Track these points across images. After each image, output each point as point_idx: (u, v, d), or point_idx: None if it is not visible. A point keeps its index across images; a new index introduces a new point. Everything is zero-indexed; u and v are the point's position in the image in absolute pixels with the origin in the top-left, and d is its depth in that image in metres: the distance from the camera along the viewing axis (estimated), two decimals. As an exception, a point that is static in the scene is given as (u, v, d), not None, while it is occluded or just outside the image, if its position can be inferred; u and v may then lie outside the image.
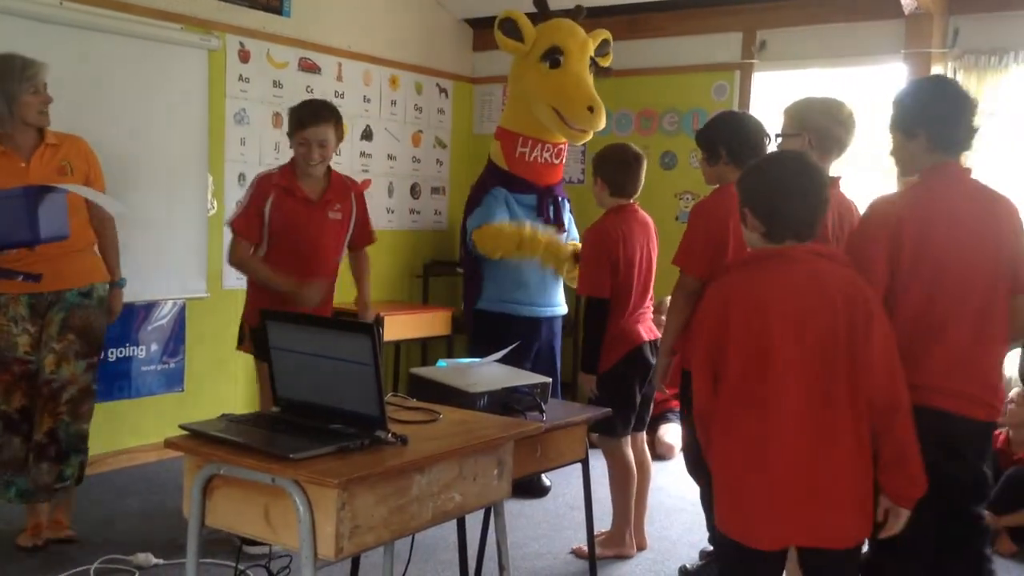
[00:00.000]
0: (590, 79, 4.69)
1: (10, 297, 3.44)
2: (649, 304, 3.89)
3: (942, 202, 2.50)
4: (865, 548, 2.46)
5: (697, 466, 3.65)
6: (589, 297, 3.77)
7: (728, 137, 3.39)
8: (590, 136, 4.74)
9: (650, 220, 3.90)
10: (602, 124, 4.65)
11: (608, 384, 3.76)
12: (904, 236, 2.44)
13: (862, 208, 2.91)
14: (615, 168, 3.81)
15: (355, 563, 3.07)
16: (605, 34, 4.89)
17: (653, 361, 3.78)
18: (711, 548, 3.84)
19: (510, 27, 4.68)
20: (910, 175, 2.70)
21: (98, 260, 3.68)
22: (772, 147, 3.31)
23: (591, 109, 4.56)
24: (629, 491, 3.82)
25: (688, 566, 3.78)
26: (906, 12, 4.80)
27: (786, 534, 2.19)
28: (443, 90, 6.42)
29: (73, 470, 3.58)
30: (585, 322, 3.85)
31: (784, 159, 2.36)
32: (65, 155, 3.55)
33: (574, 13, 4.86)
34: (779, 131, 3.15)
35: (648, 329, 3.84)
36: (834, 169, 3.12)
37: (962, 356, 2.47)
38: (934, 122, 2.54)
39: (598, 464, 3.82)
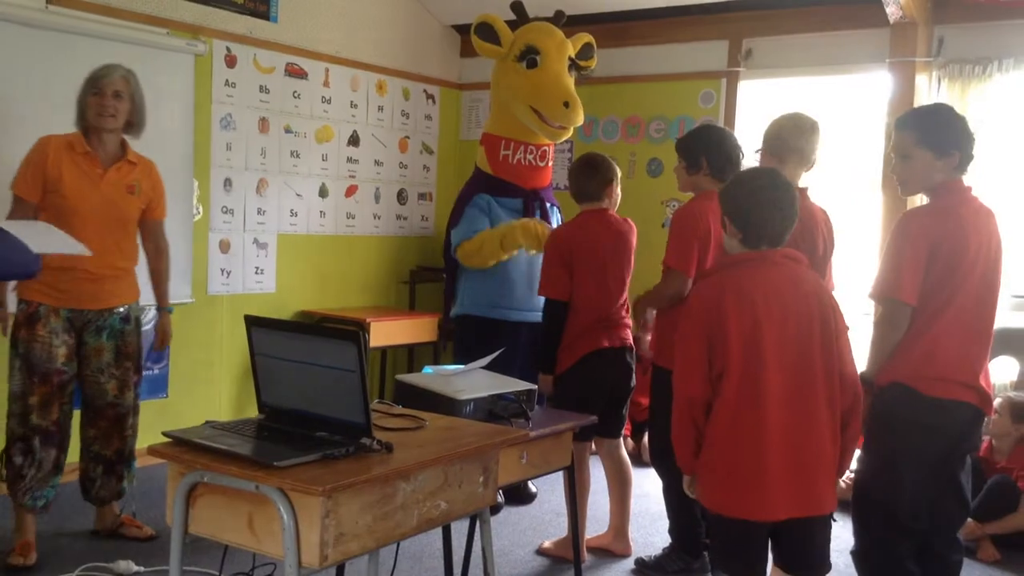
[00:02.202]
0: (569, 79, 4.70)
1: (50, 309, 3.50)
2: (622, 311, 3.88)
3: (966, 218, 2.78)
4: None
5: (663, 458, 3.73)
6: (547, 298, 3.80)
7: (710, 150, 3.59)
8: (570, 133, 4.76)
9: (629, 228, 3.89)
10: (579, 120, 4.66)
11: (563, 386, 3.77)
12: (942, 249, 2.72)
13: (833, 212, 3.40)
14: (580, 174, 3.85)
15: (340, 571, 3.06)
16: (587, 38, 4.91)
17: (614, 368, 3.80)
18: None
19: (486, 31, 4.70)
20: (915, 193, 2.99)
21: (134, 281, 3.76)
22: (751, 161, 3.47)
23: (566, 104, 4.57)
24: (582, 498, 3.78)
25: (645, 558, 3.82)
26: (891, 21, 4.83)
27: (784, 506, 2.44)
28: (430, 96, 6.42)
29: (131, 480, 3.85)
30: (543, 323, 3.87)
31: (760, 174, 2.64)
32: (137, 176, 3.69)
33: (555, 19, 4.88)
34: (758, 147, 3.38)
35: (614, 336, 3.81)
36: (804, 180, 3.35)
37: (968, 353, 2.78)
38: (968, 143, 2.82)
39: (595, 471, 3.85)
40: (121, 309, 3.68)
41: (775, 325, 2.42)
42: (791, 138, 3.27)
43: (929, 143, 2.80)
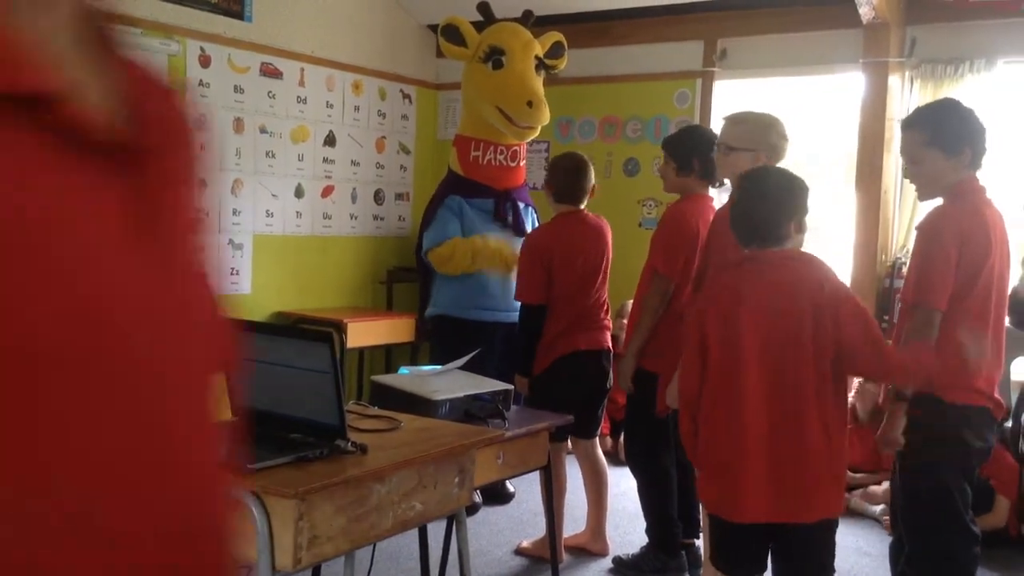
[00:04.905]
0: (536, 78, 4.71)
1: None
2: (601, 312, 3.86)
3: (989, 219, 2.72)
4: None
5: (637, 459, 3.74)
6: (523, 303, 3.79)
7: (703, 152, 3.53)
8: (537, 132, 4.77)
9: (603, 225, 3.89)
10: (545, 119, 4.68)
11: (539, 387, 3.77)
12: (967, 251, 2.64)
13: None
14: (559, 174, 3.84)
15: (315, 573, 3.04)
16: (557, 36, 4.92)
17: (589, 372, 3.80)
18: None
19: (452, 33, 4.71)
20: (933, 196, 2.85)
21: None
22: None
23: (530, 104, 4.59)
24: (559, 498, 3.75)
25: (623, 556, 3.83)
26: (864, 22, 4.86)
27: (763, 510, 2.40)
28: (407, 96, 6.41)
29: None
30: (520, 326, 3.87)
31: (763, 174, 2.56)
32: None
33: (522, 19, 4.89)
34: (726, 142, 3.20)
35: (591, 339, 3.80)
36: None
37: (993, 362, 2.75)
38: (978, 139, 2.72)
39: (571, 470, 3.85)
40: None
41: (760, 327, 2.37)
42: (768, 135, 3.21)
43: (938, 142, 2.70)
